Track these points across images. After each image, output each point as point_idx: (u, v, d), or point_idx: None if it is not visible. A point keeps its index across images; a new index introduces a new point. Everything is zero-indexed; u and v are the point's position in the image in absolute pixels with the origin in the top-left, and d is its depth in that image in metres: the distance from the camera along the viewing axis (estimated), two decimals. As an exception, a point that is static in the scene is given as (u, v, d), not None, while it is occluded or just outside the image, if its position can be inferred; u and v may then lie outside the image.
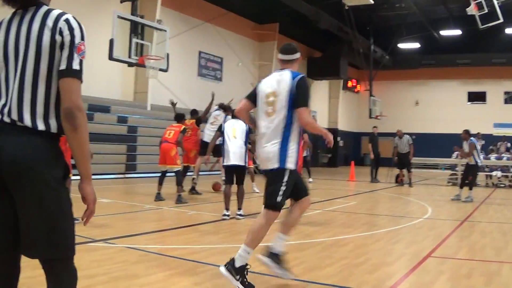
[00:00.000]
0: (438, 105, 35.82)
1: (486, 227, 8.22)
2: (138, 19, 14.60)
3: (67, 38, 2.17)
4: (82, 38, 2.22)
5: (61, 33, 2.16)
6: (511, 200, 13.10)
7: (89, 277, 4.28)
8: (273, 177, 4.23)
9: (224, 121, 9.41)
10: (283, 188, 4.15)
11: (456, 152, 18.57)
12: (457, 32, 28.77)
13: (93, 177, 2.32)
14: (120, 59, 13.91)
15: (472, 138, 12.01)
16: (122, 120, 17.61)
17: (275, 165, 4.17)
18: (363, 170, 23.93)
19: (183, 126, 10.56)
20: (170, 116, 19.66)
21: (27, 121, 2.15)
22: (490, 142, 21.95)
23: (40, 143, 2.15)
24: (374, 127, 19.37)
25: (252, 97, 4.54)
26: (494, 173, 17.77)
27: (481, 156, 12.72)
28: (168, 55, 14.98)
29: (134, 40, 14.22)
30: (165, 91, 20.15)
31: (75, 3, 15.54)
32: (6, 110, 2.17)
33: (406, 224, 8.38)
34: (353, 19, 24.30)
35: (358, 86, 37.77)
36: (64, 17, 2.20)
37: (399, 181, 17.63)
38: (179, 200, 9.93)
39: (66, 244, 2.21)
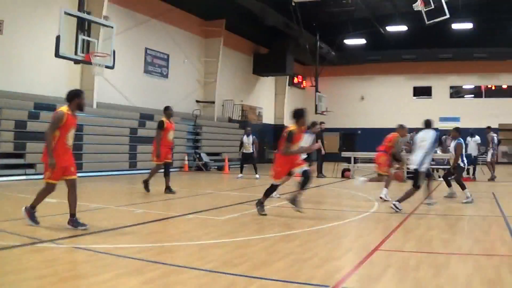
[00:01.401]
0: (384, 100, 36.58)
1: (433, 220, 8.44)
2: (85, 15, 14.39)
3: None
4: None
5: None
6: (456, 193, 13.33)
7: (38, 278, 4.26)
8: None
9: None
10: None
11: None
12: (403, 28, 29.34)
13: (37, 177, 2.34)
14: (67, 56, 13.67)
15: (461, 138, 11.51)
16: (67, 118, 17.14)
17: None
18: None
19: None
20: (116, 114, 19.47)
21: None
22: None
23: None
24: (321, 122, 19.63)
25: None
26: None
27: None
28: (114, 52, 14.81)
29: (81, 37, 14.02)
30: (111, 89, 19.87)
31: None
32: None
33: (353, 218, 8.54)
34: (299, 15, 24.58)
35: (304, 82, 38.19)
36: None
37: (346, 176, 17.96)
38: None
39: None
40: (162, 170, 11.84)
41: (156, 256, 5.35)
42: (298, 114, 8.57)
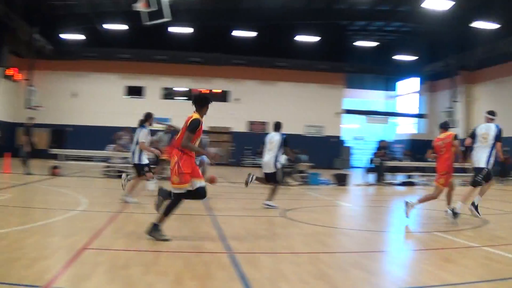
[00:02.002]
0: (97, 98, 36.15)
1: (141, 218, 8.63)
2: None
3: None
4: None
5: None
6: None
7: None
8: None
9: None
10: None
11: (112, 145, 19.41)
12: (124, 27, 29.62)
13: None
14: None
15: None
16: None
17: None
18: (18, 162, 22.84)
19: None
20: None
21: None
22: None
23: None
24: (30, 117, 18.80)
25: None
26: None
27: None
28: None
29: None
30: None
31: None
32: None
33: (62, 217, 8.38)
34: (19, 5, 23.11)
35: (20, 74, 35.73)
36: None
37: (54, 173, 17.50)
38: None
39: None
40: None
41: None
42: (203, 100, 7.09)
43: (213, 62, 35.55)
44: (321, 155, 34.24)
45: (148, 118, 11.15)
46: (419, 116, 41.18)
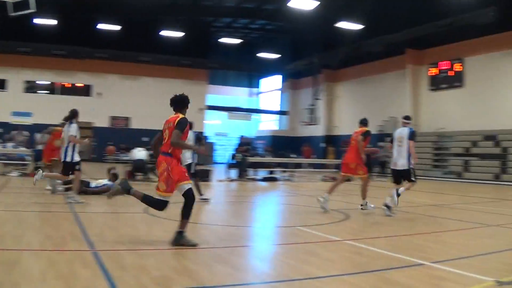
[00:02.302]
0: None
1: (3, 216, 8.28)
2: None
3: None
4: None
5: None
6: (26, 188, 13.27)
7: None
8: None
9: None
10: None
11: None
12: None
13: None
14: None
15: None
16: None
17: None
18: None
19: None
20: None
21: None
22: (8, 131, 21.93)
23: None
24: None
25: None
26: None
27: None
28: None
29: None
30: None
31: None
32: None
33: None
34: None
35: None
36: None
37: None
38: None
39: None
40: None
41: None
42: (185, 100, 7.02)
43: (76, 55, 33.88)
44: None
45: (76, 114, 10.73)
46: (281, 113, 42.55)
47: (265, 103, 45.04)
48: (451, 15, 24.29)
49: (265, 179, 21.60)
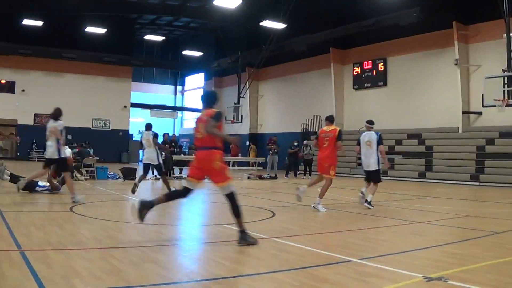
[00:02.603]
0: None
1: None
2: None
3: None
4: None
5: None
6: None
7: None
8: None
9: None
10: None
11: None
12: None
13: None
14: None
15: None
16: None
17: None
18: None
19: None
20: None
21: None
22: None
23: None
24: None
25: None
26: None
27: None
28: None
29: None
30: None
31: None
32: None
33: None
34: None
35: None
36: None
37: None
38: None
39: None
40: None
41: None
42: (216, 97, 7.14)
43: (-1, 51, 32.46)
44: (109, 149, 33.50)
45: (60, 112, 11.14)
46: (205, 110, 42.40)
47: (190, 101, 44.77)
48: (375, 16, 24.99)
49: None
